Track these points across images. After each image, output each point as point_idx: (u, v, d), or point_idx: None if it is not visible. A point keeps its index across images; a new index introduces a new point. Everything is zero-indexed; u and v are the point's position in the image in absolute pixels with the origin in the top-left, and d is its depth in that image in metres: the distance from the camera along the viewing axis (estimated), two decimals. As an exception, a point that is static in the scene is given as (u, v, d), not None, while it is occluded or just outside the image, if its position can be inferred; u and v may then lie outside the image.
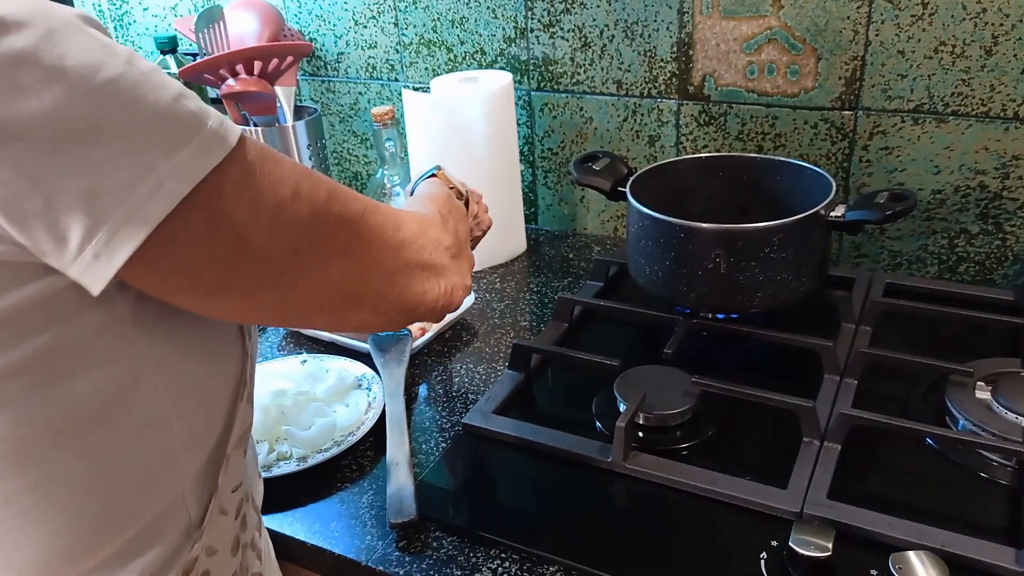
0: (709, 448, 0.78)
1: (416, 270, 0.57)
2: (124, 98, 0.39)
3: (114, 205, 0.38)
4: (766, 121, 1.09)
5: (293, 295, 0.48)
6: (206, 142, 0.41)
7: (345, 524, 0.73)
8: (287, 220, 0.45)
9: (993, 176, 0.98)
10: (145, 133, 0.39)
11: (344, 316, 0.53)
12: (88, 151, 0.38)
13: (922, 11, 0.95)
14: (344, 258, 0.50)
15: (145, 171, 0.39)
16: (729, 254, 0.85)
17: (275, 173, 0.45)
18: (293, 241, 0.46)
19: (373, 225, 0.52)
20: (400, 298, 0.56)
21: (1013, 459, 0.72)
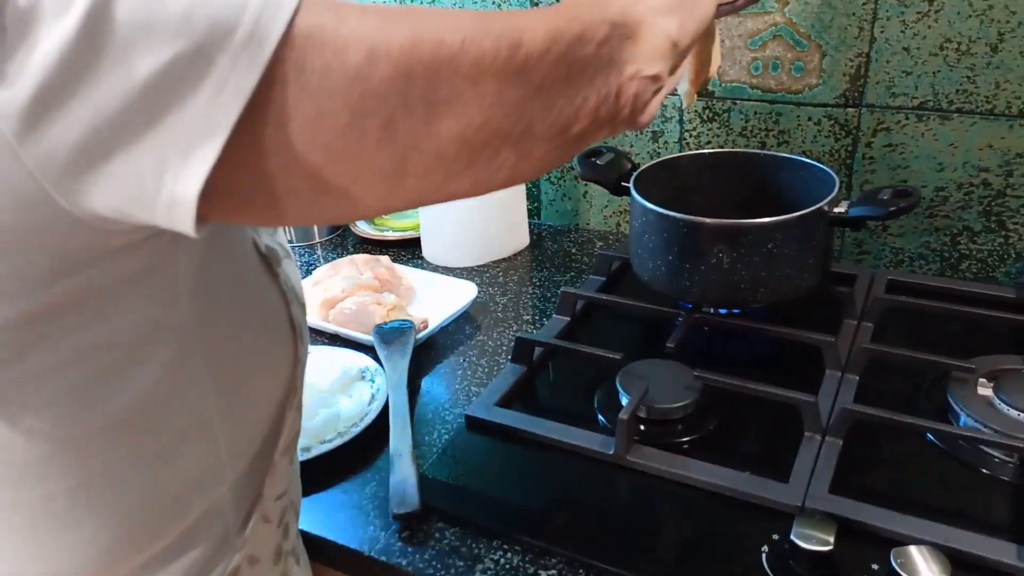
0: (711, 442, 0.78)
1: (555, 88, 0.43)
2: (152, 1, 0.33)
3: (183, 118, 0.34)
4: (770, 117, 1.09)
5: (407, 174, 0.39)
6: (256, 26, 0.34)
7: (348, 515, 0.73)
8: (366, 91, 0.36)
9: (996, 174, 0.98)
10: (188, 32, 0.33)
11: (485, 172, 0.42)
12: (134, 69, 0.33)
13: (928, 8, 0.95)
14: (452, 107, 0.39)
15: (201, 73, 0.33)
16: (732, 249, 0.86)
17: (340, 36, 0.36)
18: (382, 112, 0.37)
19: (481, 55, 0.39)
20: (546, 125, 0.43)
21: (1015, 455, 0.72)
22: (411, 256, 1.23)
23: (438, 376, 0.93)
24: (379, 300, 1.02)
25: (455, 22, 0.39)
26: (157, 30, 0.33)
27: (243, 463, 0.51)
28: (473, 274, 1.16)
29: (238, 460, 0.51)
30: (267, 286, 0.51)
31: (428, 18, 0.39)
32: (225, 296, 0.47)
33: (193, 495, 0.49)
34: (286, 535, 0.58)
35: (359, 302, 1.01)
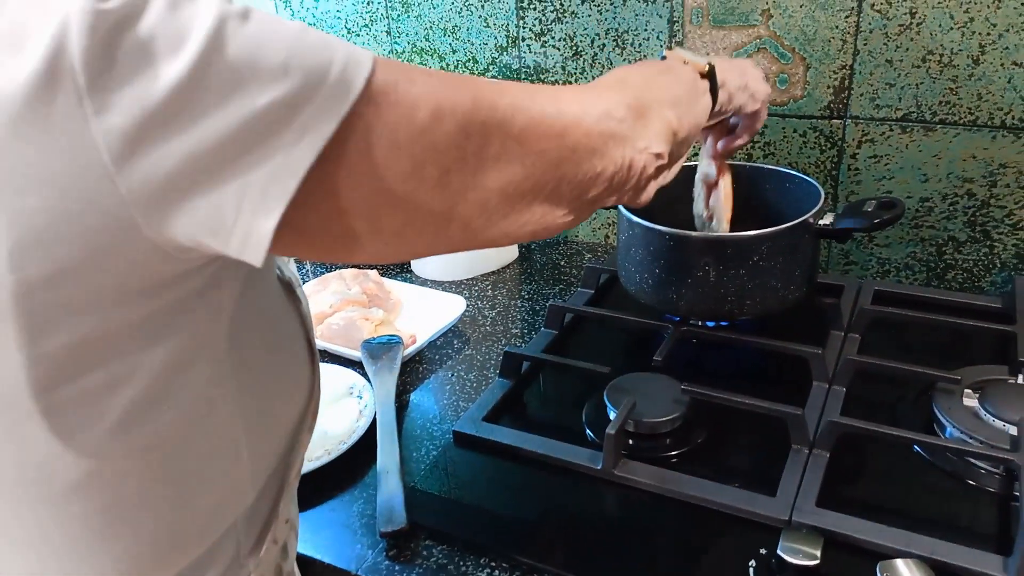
0: (698, 455, 0.78)
1: (584, 152, 0.50)
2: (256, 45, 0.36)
3: (265, 158, 0.36)
4: (756, 129, 1.09)
5: (453, 219, 0.44)
6: (341, 77, 0.38)
7: (335, 533, 0.73)
8: (429, 144, 0.41)
9: (981, 184, 0.99)
10: (282, 79, 0.36)
11: (516, 224, 0.48)
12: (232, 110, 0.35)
13: (910, 21, 0.95)
14: (499, 163, 0.45)
15: (288, 118, 0.36)
16: (718, 262, 0.86)
17: (410, 95, 0.40)
18: (440, 163, 0.42)
19: (527, 121, 0.46)
20: (571, 183, 0.50)
21: (1000, 466, 0.72)
22: (399, 270, 1.23)
23: (426, 391, 0.93)
24: (367, 315, 1.01)
25: (506, 88, 0.46)
26: (258, 76, 0.36)
27: (262, 485, 0.52)
28: (462, 287, 1.16)
29: (258, 482, 0.52)
30: (289, 312, 0.53)
31: (483, 84, 0.45)
32: (256, 321, 0.48)
33: (217, 516, 0.50)
34: (285, 556, 0.58)
35: (347, 317, 1.01)
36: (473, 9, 1.21)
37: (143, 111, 0.34)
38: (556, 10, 1.16)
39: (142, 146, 0.34)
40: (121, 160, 0.34)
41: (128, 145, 0.34)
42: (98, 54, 0.33)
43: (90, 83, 0.33)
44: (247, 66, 0.36)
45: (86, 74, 0.33)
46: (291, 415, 0.54)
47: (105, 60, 0.33)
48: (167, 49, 0.34)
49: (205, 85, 0.35)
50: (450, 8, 1.23)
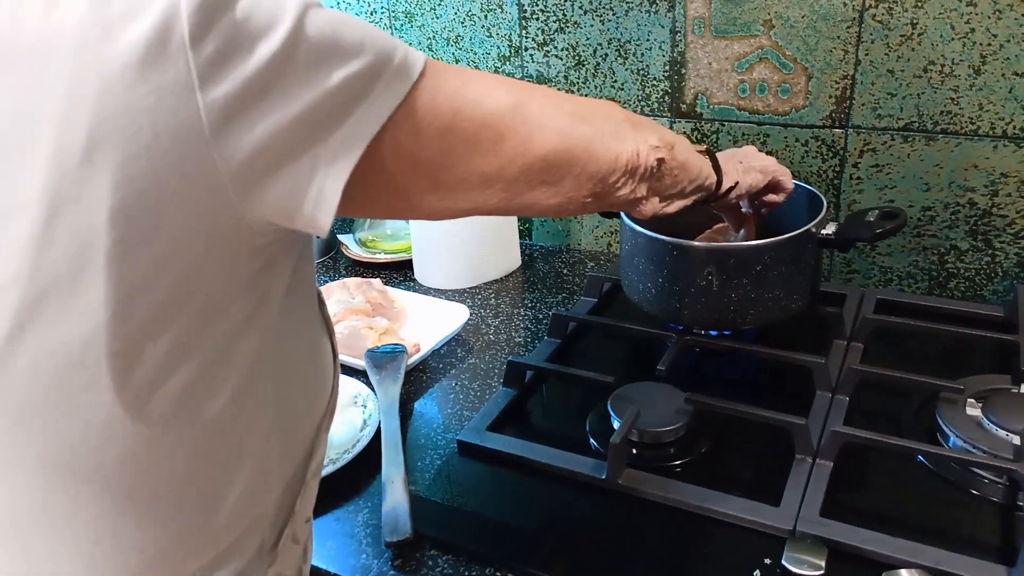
0: (702, 465, 0.78)
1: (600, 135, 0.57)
2: (335, 27, 0.41)
3: (340, 130, 0.41)
4: (758, 139, 1.10)
5: (502, 177, 0.51)
6: (404, 55, 0.44)
7: (340, 542, 0.73)
8: (486, 111, 0.48)
9: (982, 193, 1.00)
10: (359, 55, 0.42)
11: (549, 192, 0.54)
12: (318, 84, 0.40)
13: (911, 31, 0.96)
14: (544, 132, 0.52)
15: (364, 92, 0.42)
16: (721, 272, 0.86)
17: (464, 75, 0.48)
18: (496, 126, 0.49)
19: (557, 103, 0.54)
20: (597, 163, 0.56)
21: (1004, 476, 0.72)
22: (403, 278, 1.23)
23: (430, 400, 0.93)
24: (371, 324, 1.02)
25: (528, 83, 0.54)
26: (339, 54, 0.41)
27: (285, 480, 0.53)
28: (465, 296, 1.16)
29: (283, 476, 0.53)
30: (316, 315, 0.56)
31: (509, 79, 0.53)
32: (296, 312, 0.51)
33: (246, 507, 0.51)
34: (305, 559, 0.59)
35: (351, 327, 1.01)
36: (476, 19, 1.22)
37: (241, 84, 0.38)
38: (559, 20, 1.16)
39: (237, 117, 0.38)
40: (218, 130, 0.38)
41: (225, 116, 0.38)
42: (204, 29, 0.37)
43: (197, 56, 0.37)
44: (329, 44, 0.41)
45: (193, 47, 0.37)
46: (315, 411, 0.56)
47: (209, 35, 0.37)
48: (262, 27, 0.39)
49: (295, 60, 0.39)
50: (453, 18, 1.24)
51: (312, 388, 0.55)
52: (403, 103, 0.44)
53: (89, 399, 0.41)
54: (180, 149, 0.38)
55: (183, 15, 0.37)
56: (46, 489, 0.44)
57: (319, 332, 0.56)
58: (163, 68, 0.37)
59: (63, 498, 0.44)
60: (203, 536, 0.48)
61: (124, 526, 0.45)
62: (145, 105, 0.37)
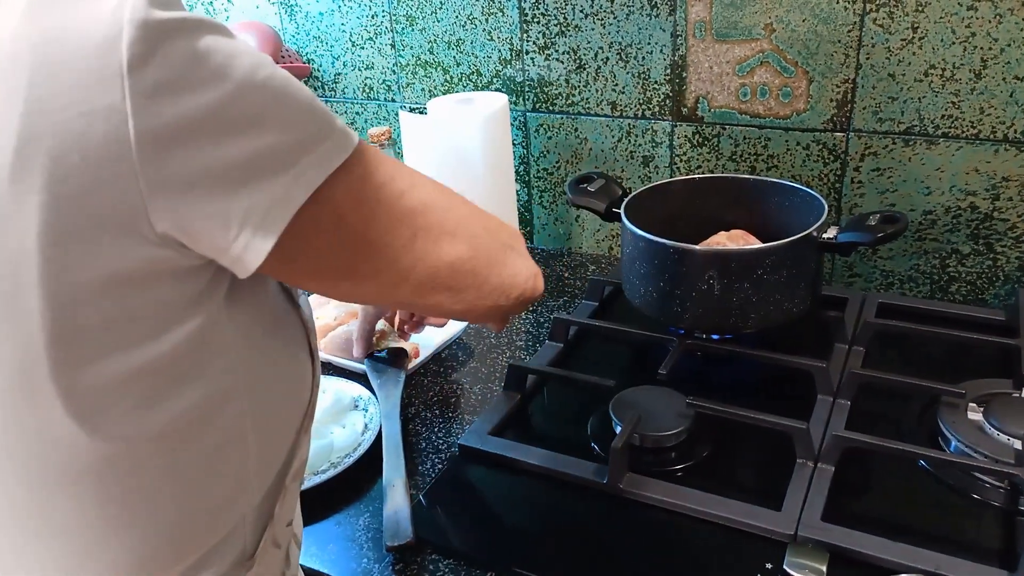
0: (704, 469, 0.78)
1: (507, 250, 0.61)
2: (279, 94, 0.42)
3: (268, 189, 0.42)
4: (759, 142, 1.10)
5: (412, 276, 0.52)
6: (340, 138, 0.45)
7: (342, 547, 0.73)
8: (407, 207, 0.51)
9: (983, 197, 0.99)
10: (295, 127, 0.43)
11: (452, 299, 0.56)
12: (250, 141, 0.41)
13: (912, 35, 0.96)
14: (454, 239, 0.54)
15: (292, 161, 0.43)
16: (722, 276, 0.86)
17: (390, 170, 0.50)
18: (412, 225, 0.51)
19: (471, 211, 0.58)
20: (499, 278, 0.59)
21: (1005, 481, 0.72)
22: (404, 282, 1.23)
23: (431, 404, 0.93)
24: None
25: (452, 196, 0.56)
26: (279, 118, 0.42)
27: (265, 485, 0.53)
28: (466, 300, 1.16)
29: (262, 481, 0.53)
30: (290, 314, 0.55)
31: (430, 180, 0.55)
32: (259, 321, 0.51)
33: (224, 512, 0.51)
34: (288, 563, 0.59)
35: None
36: (477, 22, 1.22)
37: (176, 120, 0.38)
38: (560, 23, 1.16)
39: (168, 152, 0.38)
40: (146, 161, 0.38)
41: (155, 148, 0.38)
42: (143, 59, 0.37)
43: (133, 84, 0.37)
44: (272, 106, 0.42)
45: (131, 75, 0.37)
46: (294, 414, 0.55)
47: (150, 66, 0.37)
48: (210, 72, 0.39)
49: (237, 113, 0.40)
50: (454, 21, 1.24)
51: (290, 392, 0.55)
52: (342, 169, 0.45)
53: (37, 421, 0.41)
54: (107, 176, 0.38)
55: (124, 41, 0.37)
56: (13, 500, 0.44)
57: (292, 332, 0.55)
58: (96, 93, 0.37)
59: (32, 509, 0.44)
60: (180, 543, 0.48)
61: (95, 535, 0.45)
62: (74, 128, 0.37)
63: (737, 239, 0.98)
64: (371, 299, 0.57)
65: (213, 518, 0.50)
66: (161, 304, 0.42)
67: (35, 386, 0.40)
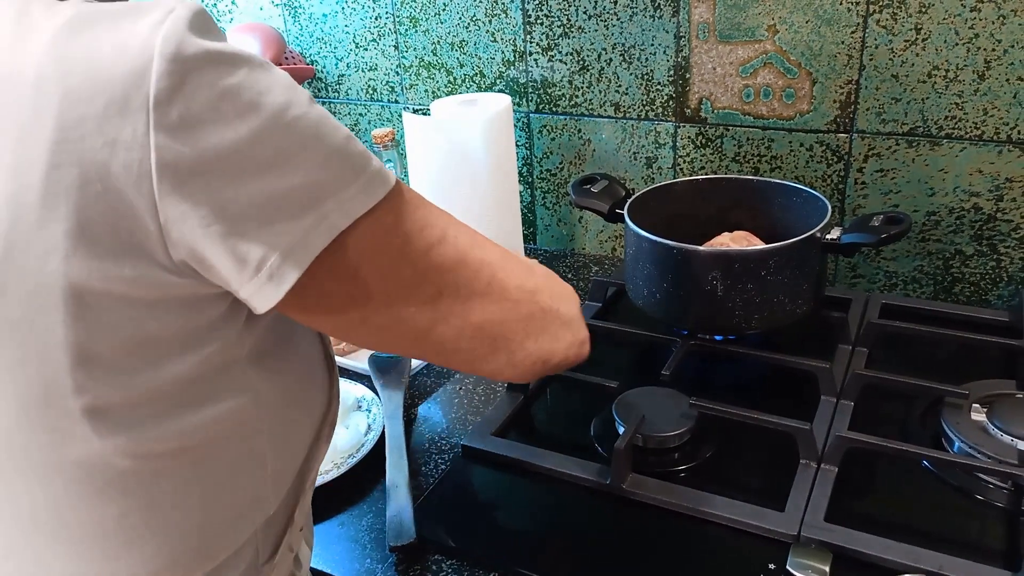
0: (707, 470, 0.78)
1: (549, 316, 0.56)
2: (308, 135, 0.41)
3: (287, 232, 0.41)
4: (762, 143, 1.10)
5: (432, 335, 0.49)
6: (369, 183, 0.43)
7: (345, 547, 0.73)
8: (433, 263, 0.48)
9: (987, 198, 0.99)
10: (321, 168, 0.41)
11: (480, 359, 0.53)
12: (271, 181, 0.40)
13: (915, 36, 0.96)
14: (484, 300, 0.51)
15: (315, 203, 0.41)
16: (726, 277, 0.86)
17: (425, 218, 0.47)
18: (437, 282, 0.48)
19: (511, 268, 0.53)
20: (535, 345, 0.55)
21: (1009, 481, 0.72)
22: (408, 283, 1.23)
23: (434, 405, 0.93)
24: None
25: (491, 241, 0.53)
26: (307, 157, 0.41)
27: (281, 494, 0.54)
28: (469, 301, 1.16)
29: (280, 490, 0.53)
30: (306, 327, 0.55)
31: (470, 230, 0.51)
32: (278, 337, 0.51)
33: (241, 523, 0.51)
34: (299, 565, 0.59)
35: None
36: (480, 24, 1.22)
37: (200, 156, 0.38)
38: (563, 25, 1.17)
39: (188, 187, 0.38)
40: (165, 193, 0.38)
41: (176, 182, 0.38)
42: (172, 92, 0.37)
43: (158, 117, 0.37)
44: (299, 147, 0.41)
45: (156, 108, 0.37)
46: (310, 425, 0.56)
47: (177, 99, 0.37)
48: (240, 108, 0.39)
49: (259, 151, 0.39)
50: (457, 23, 1.24)
51: (306, 403, 0.55)
52: (371, 213, 0.43)
53: (60, 437, 0.42)
54: (127, 206, 0.38)
55: (152, 75, 0.37)
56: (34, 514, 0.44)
57: (310, 344, 0.56)
58: (120, 124, 0.37)
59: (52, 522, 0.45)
60: (198, 554, 0.49)
61: (113, 547, 0.46)
62: (98, 158, 0.37)
63: (740, 240, 0.98)
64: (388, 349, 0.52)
65: (230, 529, 0.50)
66: (182, 327, 0.43)
67: (58, 405, 0.41)
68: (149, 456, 0.44)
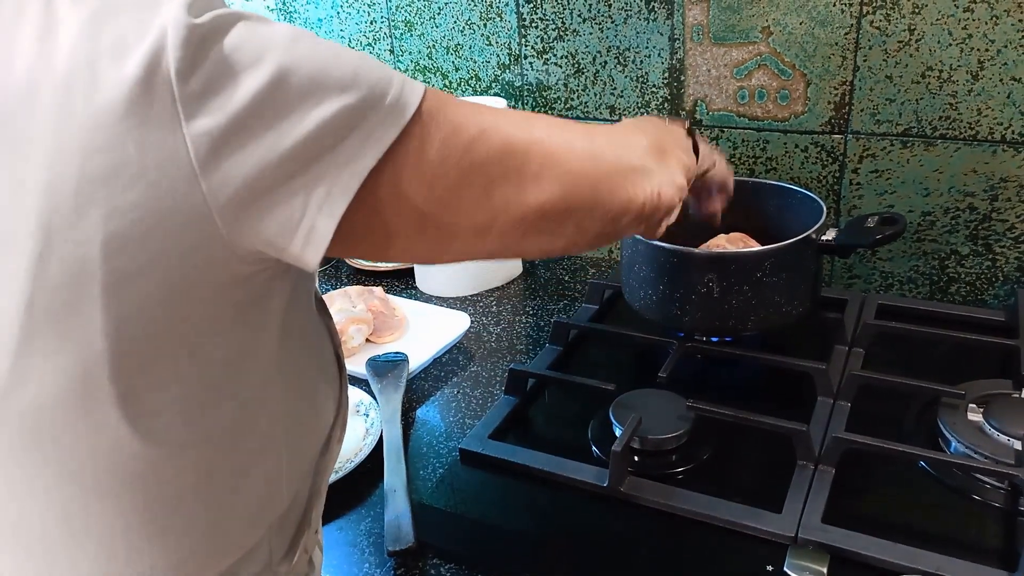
0: (704, 472, 0.79)
1: (617, 175, 0.55)
2: (325, 61, 0.41)
3: (328, 165, 0.40)
4: (757, 145, 1.10)
5: (494, 228, 0.49)
6: (398, 93, 0.43)
7: (343, 552, 0.73)
8: (476, 159, 0.47)
9: (982, 198, 1.00)
10: (349, 89, 0.41)
11: (548, 239, 0.53)
12: (301, 122, 0.40)
13: (908, 37, 0.96)
14: (540, 181, 0.50)
15: (349, 130, 0.41)
16: (722, 278, 0.86)
17: (460, 115, 0.46)
18: (483, 176, 0.47)
19: (562, 142, 0.52)
20: (605, 208, 0.55)
21: (1005, 481, 0.72)
22: (404, 286, 1.23)
23: (432, 408, 0.94)
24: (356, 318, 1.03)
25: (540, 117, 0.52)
26: (328, 87, 0.40)
27: (295, 491, 0.54)
28: (466, 303, 1.16)
29: (292, 487, 0.53)
30: (321, 326, 0.56)
31: (522, 113, 0.51)
32: (300, 329, 0.51)
33: (257, 518, 0.51)
34: (312, 568, 0.60)
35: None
36: (476, 28, 1.23)
37: (227, 118, 0.38)
38: (558, 28, 1.17)
39: (224, 150, 0.38)
40: (205, 163, 0.38)
41: (212, 149, 0.38)
42: (189, 64, 0.37)
43: (182, 90, 0.37)
44: (319, 78, 0.40)
45: (179, 82, 0.37)
46: (323, 423, 0.56)
47: (195, 70, 0.38)
48: (250, 60, 0.39)
49: (282, 94, 0.39)
50: (453, 27, 1.24)
51: (320, 401, 0.55)
52: (398, 141, 0.43)
53: (93, 425, 0.42)
54: (167, 183, 0.38)
55: (169, 50, 0.37)
56: (63, 505, 0.44)
57: (324, 342, 0.56)
58: (149, 103, 0.37)
59: (80, 514, 0.44)
60: (215, 549, 0.49)
61: (136, 540, 0.46)
62: (132, 139, 0.37)
63: (736, 242, 0.98)
64: (453, 257, 0.51)
65: (248, 524, 0.50)
66: (215, 314, 0.43)
67: (94, 392, 0.41)
68: (178, 446, 0.44)
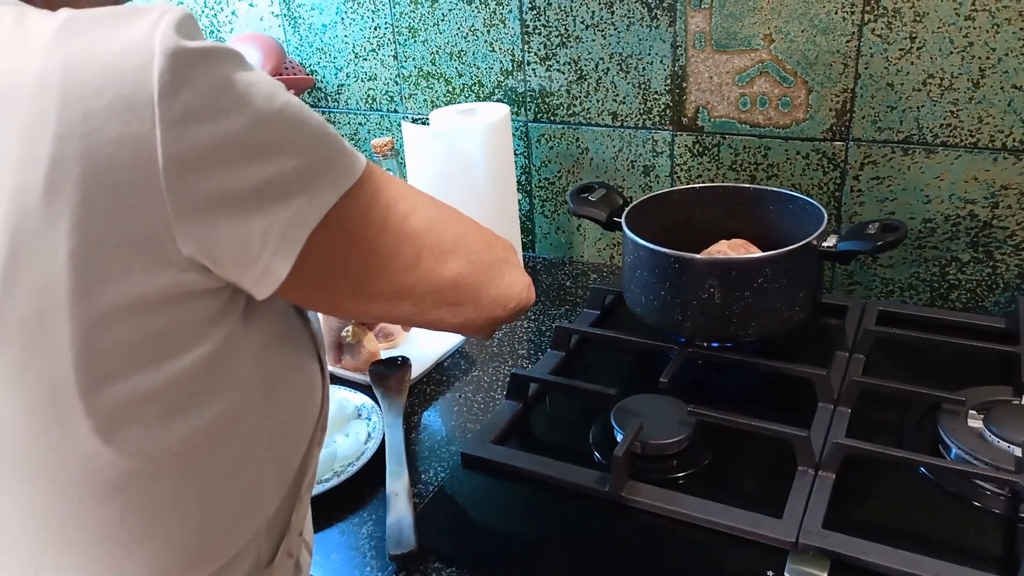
0: (705, 477, 0.79)
1: (503, 264, 0.63)
2: (294, 121, 0.44)
3: (284, 212, 0.44)
4: (759, 152, 1.11)
5: (416, 292, 0.55)
6: (348, 162, 0.48)
7: (345, 555, 0.74)
8: (411, 228, 0.53)
9: (983, 205, 1.00)
10: (310, 151, 0.45)
11: (456, 310, 0.59)
12: (268, 167, 0.43)
13: (910, 45, 0.97)
14: (455, 256, 0.57)
15: (306, 183, 0.45)
16: (723, 284, 0.87)
17: (396, 191, 0.53)
18: (416, 245, 0.54)
19: (469, 227, 0.60)
20: (497, 291, 0.61)
21: (1005, 488, 0.72)
22: (407, 291, 1.23)
23: (434, 413, 0.94)
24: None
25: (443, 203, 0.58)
26: (295, 143, 0.44)
27: (279, 496, 0.54)
28: (468, 309, 1.17)
29: (278, 492, 0.54)
30: (301, 330, 0.56)
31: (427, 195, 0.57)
32: (273, 337, 0.52)
33: (242, 524, 0.51)
34: (299, 570, 0.60)
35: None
36: (479, 34, 1.23)
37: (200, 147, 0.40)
38: (561, 35, 1.17)
39: (192, 177, 0.40)
40: (172, 185, 0.39)
41: (181, 173, 0.39)
42: (175, 87, 0.39)
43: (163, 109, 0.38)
44: (288, 133, 0.44)
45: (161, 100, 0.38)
46: (306, 426, 0.56)
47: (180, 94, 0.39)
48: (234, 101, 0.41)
49: (255, 138, 0.42)
50: (456, 33, 1.25)
51: (302, 404, 0.56)
52: (340, 203, 0.47)
53: (66, 436, 0.42)
54: (135, 200, 0.39)
55: (155, 70, 0.38)
56: (42, 514, 0.44)
57: (304, 346, 0.56)
58: (127, 119, 0.38)
59: (58, 523, 0.45)
60: (199, 555, 0.49)
61: (116, 549, 0.46)
62: (104, 153, 0.38)
63: (738, 248, 0.98)
64: (375, 317, 0.58)
65: (231, 530, 0.51)
66: (183, 324, 0.43)
67: (62, 405, 0.41)
68: (152, 455, 0.44)
